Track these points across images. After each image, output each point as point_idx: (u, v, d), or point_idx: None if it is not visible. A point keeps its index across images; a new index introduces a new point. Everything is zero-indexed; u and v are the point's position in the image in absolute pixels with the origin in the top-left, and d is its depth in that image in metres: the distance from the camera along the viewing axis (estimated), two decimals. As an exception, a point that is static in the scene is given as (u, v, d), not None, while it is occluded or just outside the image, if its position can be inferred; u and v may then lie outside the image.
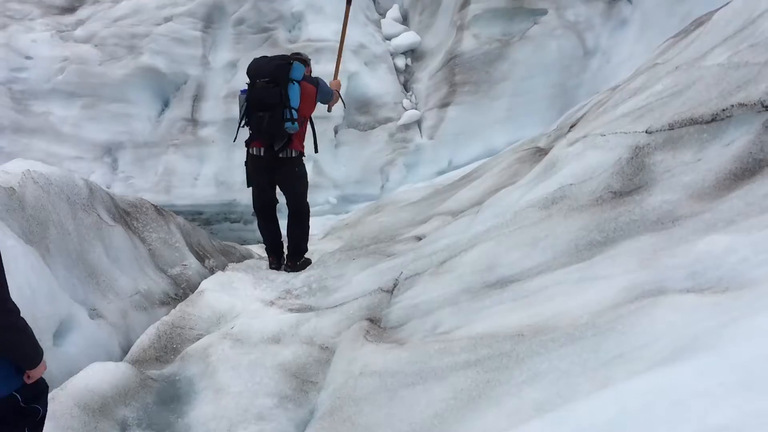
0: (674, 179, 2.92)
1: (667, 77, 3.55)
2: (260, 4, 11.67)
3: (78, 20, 12.03)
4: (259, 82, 5.28)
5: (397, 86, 11.75)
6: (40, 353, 2.55)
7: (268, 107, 5.25)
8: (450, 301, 3.34)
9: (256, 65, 5.39)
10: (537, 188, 3.61)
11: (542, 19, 10.69)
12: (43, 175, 4.41)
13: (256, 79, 5.31)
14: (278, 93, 5.24)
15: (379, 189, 10.93)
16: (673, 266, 2.53)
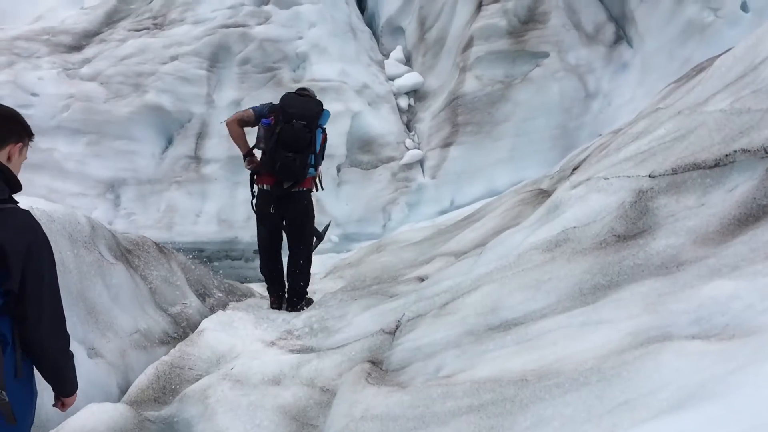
0: (678, 224, 2.92)
1: (670, 122, 3.57)
2: (265, 45, 11.82)
3: (85, 58, 12.17)
4: (297, 123, 5.32)
5: (400, 126, 11.84)
6: (77, 384, 2.59)
7: (299, 150, 5.35)
8: (453, 344, 3.31)
9: (299, 106, 5.41)
10: (540, 230, 3.61)
11: (544, 62, 10.82)
12: (46, 212, 4.41)
13: (293, 118, 5.32)
14: (310, 138, 5.36)
15: (381, 228, 10.93)
16: (678, 312, 2.51)
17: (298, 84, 11.40)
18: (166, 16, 12.62)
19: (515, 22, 10.96)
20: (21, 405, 2.30)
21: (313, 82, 11.41)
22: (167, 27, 12.41)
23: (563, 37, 10.89)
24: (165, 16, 12.64)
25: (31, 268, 2.21)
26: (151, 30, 12.52)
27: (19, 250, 2.17)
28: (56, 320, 2.40)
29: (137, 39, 12.27)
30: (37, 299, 2.25)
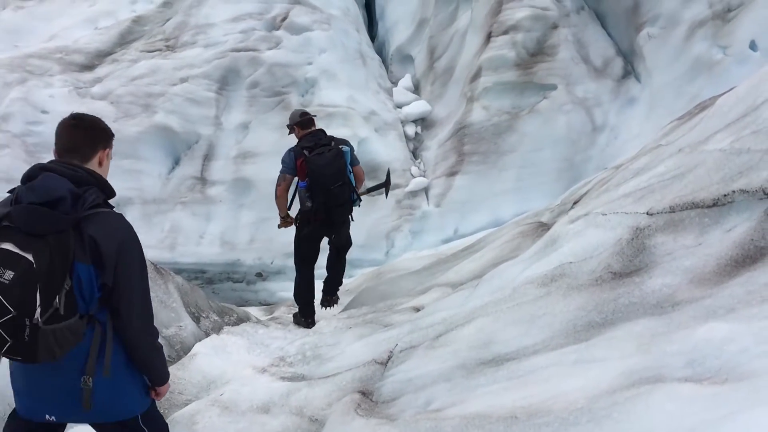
0: (675, 262, 2.88)
1: (670, 159, 3.55)
2: (275, 69, 11.90)
3: (96, 78, 12.29)
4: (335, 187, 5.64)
5: (406, 153, 11.86)
6: (168, 373, 2.81)
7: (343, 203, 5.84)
8: (444, 377, 3.26)
9: (329, 174, 5.61)
10: (537, 264, 3.57)
11: (552, 94, 10.84)
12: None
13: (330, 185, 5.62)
14: (349, 189, 5.90)
15: (384, 254, 10.89)
16: (671, 353, 2.47)
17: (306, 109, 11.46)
18: (178, 39, 12.76)
19: (524, 54, 11.01)
20: (106, 393, 2.47)
21: (321, 107, 11.47)
22: (179, 49, 12.54)
23: (571, 70, 10.92)
24: (177, 38, 12.78)
25: (123, 264, 2.40)
26: (163, 51, 12.65)
27: (112, 247, 2.35)
28: (145, 317, 2.58)
29: (149, 60, 12.39)
30: (128, 295, 2.44)
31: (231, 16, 12.69)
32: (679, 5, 10.07)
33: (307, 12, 12.72)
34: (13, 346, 2.16)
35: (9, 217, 2.23)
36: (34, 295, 2.16)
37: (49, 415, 2.47)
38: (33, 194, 2.25)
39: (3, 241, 2.17)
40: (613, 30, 11.48)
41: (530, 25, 11.10)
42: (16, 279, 2.12)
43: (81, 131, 2.55)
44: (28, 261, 2.14)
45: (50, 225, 2.22)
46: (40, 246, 2.18)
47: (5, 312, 2.11)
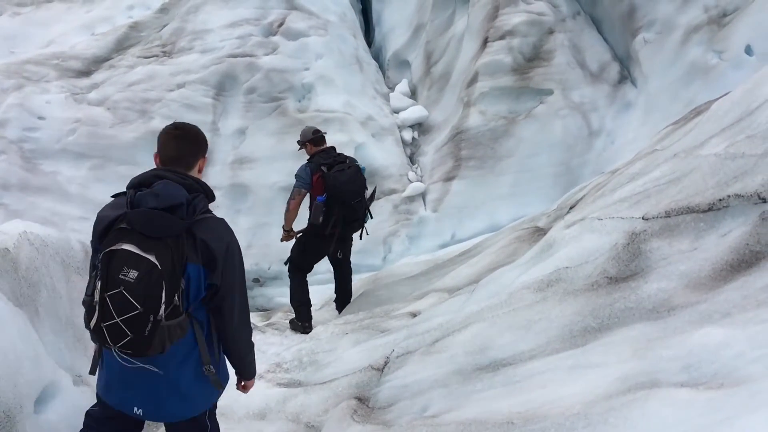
0: (670, 267, 2.88)
1: (665, 164, 3.55)
2: (272, 75, 11.89)
3: (93, 83, 12.26)
4: (355, 203, 5.92)
5: (403, 158, 11.85)
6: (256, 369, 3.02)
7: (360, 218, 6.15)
8: (440, 383, 3.26)
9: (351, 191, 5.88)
10: (533, 269, 3.57)
11: (548, 99, 10.84)
12: (40, 236, 4.39)
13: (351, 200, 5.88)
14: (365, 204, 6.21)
15: (381, 260, 10.87)
16: (667, 358, 2.47)
17: (303, 114, 11.47)
18: (175, 45, 12.75)
19: (520, 59, 11.02)
20: (196, 387, 2.71)
21: (318, 112, 11.46)
22: (176, 55, 12.52)
23: (568, 75, 10.93)
24: (174, 44, 12.77)
25: (228, 265, 2.61)
26: (159, 57, 12.64)
27: (221, 250, 2.56)
28: (244, 313, 2.77)
29: (146, 66, 12.38)
30: (231, 293, 2.65)
31: (228, 22, 12.68)
32: (674, 10, 10.09)
33: (303, 18, 12.72)
34: (132, 340, 2.32)
35: (126, 220, 2.40)
36: (160, 294, 2.33)
37: (137, 408, 2.64)
38: (156, 200, 2.42)
39: (123, 243, 2.33)
40: (609, 35, 11.50)
41: (526, 30, 11.11)
42: (140, 278, 2.29)
43: (186, 141, 2.73)
44: (151, 262, 2.31)
45: (169, 229, 2.40)
46: (161, 248, 2.36)
47: (132, 308, 2.28)
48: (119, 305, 2.29)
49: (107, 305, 2.30)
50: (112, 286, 2.30)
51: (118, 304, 2.29)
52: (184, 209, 2.47)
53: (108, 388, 2.70)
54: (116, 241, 2.35)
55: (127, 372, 2.57)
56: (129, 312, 2.29)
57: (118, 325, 2.30)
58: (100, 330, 2.34)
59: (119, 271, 2.30)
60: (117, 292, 2.29)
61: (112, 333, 2.32)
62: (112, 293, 2.29)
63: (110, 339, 2.34)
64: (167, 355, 2.49)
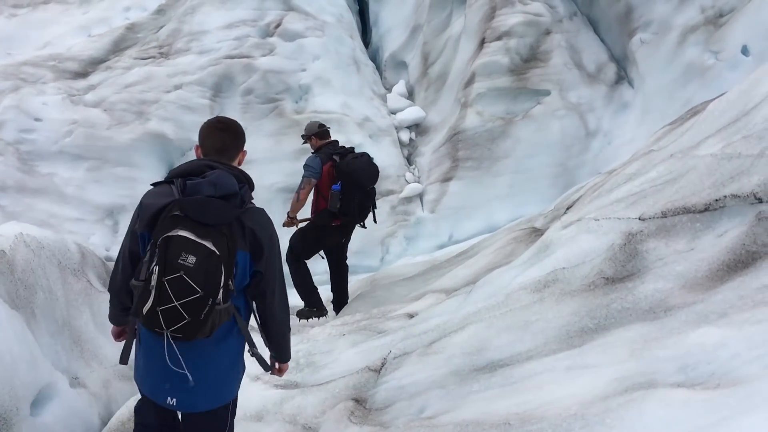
0: (667, 268, 2.88)
1: (662, 164, 3.55)
2: (269, 76, 11.89)
3: (89, 85, 12.25)
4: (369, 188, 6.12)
5: (400, 159, 11.85)
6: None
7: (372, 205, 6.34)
8: (437, 384, 3.26)
9: (367, 176, 6.06)
10: (530, 270, 3.57)
11: (545, 100, 10.86)
12: (36, 238, 4.39)
13: (366, 186, 6.08)
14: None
15: (379, 261, 10.87)
16: (664, 358, 2.47)
17: (300, 115, 11.47)
18: (172, 46, 12.74)
19: (517, 59, 11.03)
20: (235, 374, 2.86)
21: (315, 113, 11.46)
22: (173, 56, 12.51)
23: (565, 76, 10.94)
24: (171, 45, 12.76)
25: (271, 253, 2.70)
26: (156, 59, 12.62)
27: (266, 238, 2.66)
28: (284, 297, 2.87)
29: (143, 67, 12.36)
30: (273, 278, 2.74)
31: (225, 23, 12.67)
32: (671, 11, 10.11)
33: (300, 19, 12.72)
34: (187, 323, 2.38)
35: (180, 207, 2.47)
36: (219, 278, 2.40)
37: (170, 398, 2.66)
38: (212, 188, 2.52)
39: (179, 229, 2.40)
40: (606, 35, 11.52)
41: (523, 31, 11.12)
42: (200, 263, 2.37)
43: (229, 134, 2.82)
44: (208, 248, 2.39)
45: (224, 217, 2.50)
46: (216, 235, 2.44)
47: (192, 292, 2.35)
48: (178, 289, 2.35)
49: (165, 290, 2.35)
50: (171, 271, 2.35)
51: (178, 289, 2.35)
52: (237, 199, 2.58)
53: (143, 378, 2.75)
54: (171, 227, 2.41)
55: (163, 361, 2.58)
56: (189, 296, 2.35)
57: (176, 309, 2.36)
58: (154, 314, 2.38)
59: (178, 257, 2.36)
60: (176, 276, 2.35)
61: (168, 317, 2.37)
62: (171, 278, 2.35)
63: (165, 323, 2.38)
64: (204, 342, 2.55)
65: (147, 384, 2.74)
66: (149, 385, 2.73)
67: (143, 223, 2.57)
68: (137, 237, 2.61)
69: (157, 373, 2.65)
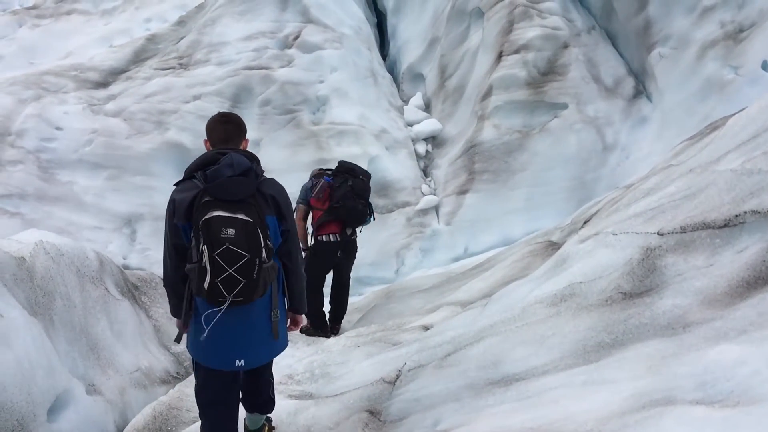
0: (686, 283, 2.86)
1: (681, 179, 3.53)
2: (287, 87, 11.96)
3: (110, 95, 12.38)
4: (363, 178, 6.31)
5: (416, 171, 11.85)
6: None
7: (366, 199, 6.33)
8: (452, 397, 3.24)
9: (359, 169, 6.34)
10: (546, 284, 3.55)
11: (562, 113, 10.82)
12: (55, 246, 4.43)
13: (358, 176, 6.26)
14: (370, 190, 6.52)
15: (394, 273, 10.85)
16: (682, 375, 2.44)
17: (317, 127, 11.52)
18: (191, 57, 12.86)
19: (535, 73, 11.02)
20: (282, 326, 3.20)
21: (332, 125, 11.51)
22: (192, 67, 12.63)
23: (582, 90, 10.91)
24: (191, 56, 12.88)
25: (290, 215, 3.14)
26: (176, 69, 12.74)
27: (285, 202, 3.11)
28: (301, 256, 3.32)
29: (162, 78, 12.48)
30: (294, 238, 3.20)
31: (244, 35, 12.78)
32: (690, 25, 10.06)
33: (319, 31, 12.80)
34: (244, 285, 2.77)
35: (207, 193, 2.85)
36: (258, 240, 2.80)
37: (238, 360, 3.03)
38: (231, 169, 2.88)
39: (213, 211, 2.77)
40: (624, 50, 11.49)
41: (541, 45, 11.12)
42: (239, 232, 2.75)
43: (232, 125, 3.22)
44: (242, 219, 2.78)
45: (246, 190, 2.89)
46: (245, 207, 2.83)
47: (240, 257, 2.74)
48: (229, 258, 2.73)
49: (218, 262, 2.72)
50: (218, 245, 2.72)
51: (228, 258, 2.73)
52: (252, 173, 2.95)
53: (208, 355, 3.06)
54: (206, 211, 2.78)
55: (226, 329, 2.94)
56: (239, 261, 2.73)
57: (231, 276, 2.74)
58: (215, 286, 2.75)
59: (220, 233, 2.73)
60: (224, 248, 2.72)
61: (227, 284, 2.75)
62: (219, 251, 2.72)
63: (226, 290, 2.76)
64: (257, 303, 2.95)
65: (214, 358, 3.05)
66: (217, 358, 3.04)
67: (180, 215, 2.92)
68: (178, 229, 2.95)
69: (223, 343, 2.99)
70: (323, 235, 6.19)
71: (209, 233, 2.73)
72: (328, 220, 6.14)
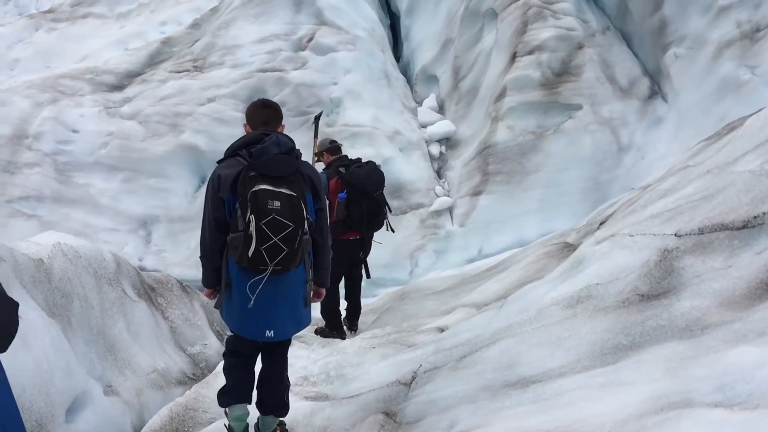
0: (704, 285, 2.84)
1: (698, 180, 3.51)
2: (300, 89, 12.00)
3: (125, 98, 12.47)
4: (379, 195, 6.28)
5: (430, 173, 11.86)
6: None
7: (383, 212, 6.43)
8: (468, 399, 3.24)
9: (374, 181, 6.25)
10: (562, 285, 3.54)
11: (577, 114, 10.79)
12: (73, 247, 4.47)
13: (374, 192, 6.23)
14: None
15: (407, 274, 10.85)
16: (701, 377, 2.43)
17: (330, 128, 11.54)
18: (206, 59, 12.93)
19: (549, 74, 11.00)
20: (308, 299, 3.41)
21: (346, 126, 11.53)
22: (207, 70, 12.70)
23: (597, 90, 10.87)
24: (205, 59, 12.95)
25: (323, 195, 3.41)
26: (191, 72, 12.83)
27: (319, 181, 3.36)
28: (329, 233, 3.55)
29: (177, 80, 12.56)
30: (326, 215, 3.47)
31: (258, 37, 12.84)
32: (706, 25, 9.99)
33: (332, 33, 12.83)
34: (286, 254, 3.01)
35: (253, 168, 3.08)
36: (302, 212, 3.06)
37: (269, 330, 3.26)
38: (277, 147, 3.14)
39: (259, 184, 3.02)
40: (639, 50, 11.43)
41: (555, 45, 11.09)
42: (283, 204, 3.01)
43: (272, 109, 3.47)
44: (286, 193, 3.04)
45: (290, 167, 3.15)
46: (288, 182, 3.09)
47: (286, 227, 2.99)
48: (274, 227, 2.97)
49: (264, 231, 2.96)
50: (265, 215, 2.96)
51: (274, 228, 2.97)
52: (294, 153, 3.22)
53: (242, 324, 3.29)
54: (253, 185, 3.02)
55: (262, 299, 3.14)
56: (284, 230, 2.98)
57: (276, 244, 2.98)
58: (259, 253, 2.98)
59: (266, 204, 2.98)
60: (270, 218, 2.97)
61: (270, 252, 2.98)
62: (266, 221, 2.96)
63: (268, 258, 3.00)
64: (291, 274, 3.17)
65: (247, 327, 3.28)
66: (249, 327, 3.27)
67: (226, 189, 3.14)
68: (222, 203, 3.18)
69: (257, 313, 3.18)
70: (343, 237, 6.24)
71: (257, 204, 2.97)
72: (355, 228, 6.24)
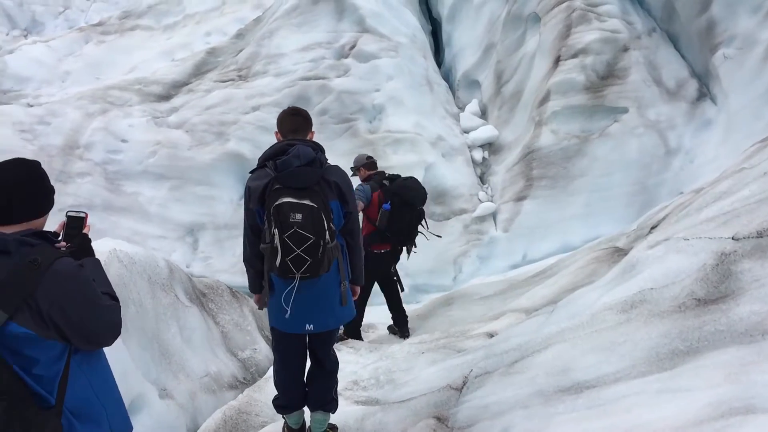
0: (763, 289, 2.78)
1: (755, 183, 3.44)
2: (343, 96, 12.08)
3: (172, 107, 12.73)
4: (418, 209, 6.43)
5: (473, 178, 11.81)
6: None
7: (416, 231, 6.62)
8: (521, 404, 3.22)
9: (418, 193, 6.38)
10: (615, 290, 3.50)
11: (623, 118, 10.63)
12: (128, 254, 4.58)
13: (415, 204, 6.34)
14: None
15: (451, 280, 10.81)
16: (762, 383, 2.38)
17: (373, 135, 11.59)
18: (250, 69, 13.12)
19: (593, 77, 10.87)
20: (349, 295, 3.52)
21: (389, 133, 11.56)
22: (251, 78, 12.88)
23: (643, 93, 10.70)
24: (249, 68, 13.14)
25: (352, 197, 3.46)
26: (235, 81, 13.03)
27: (347, 187, 3.42)
28: (361, 234, 3.67)
29: (222, 90, 12.77)
30: (356, 218, 3.57)
31: (301, 46, 12.97)
32: (755, 25, 9.76)
33: (375, 40, 12.90)
34: (311, 263, 3.11)
35: (278, 181, 3.17)
36: (323, 224, 3.13)
37: (308, 324, 3.39)
38: (298, 159, 3.20)
39: (283, 197, 3.11)
40: (687, 51, 11.21)
41: (600, 48, 10.96)
42: (305, 217, 3.09)
43: (300, 117, 3.52)
44: (308, 205, 3.12)
45: (312, 178, 3.21)
46: (311, 193, 3.16)
47: (307, 239, 3.08)
48: (297, 240, 3.07)
49: (287, 243, 3.08)
50: (287, 228, 3.07)
51: (296, 240, 3.07)
52: (317, 163, 3.26)
53: (281, 320, 3.40)
54: (277, 198, 3.11)
55: (299, 299, 3.29)
56: (306, 242, 3.08)
57: (299, 256, 3.09)
58: (285, 264, 3.11)
59: (288, 217, 3.07)
60: (292, 231, 3.07)
61: (295, 263, 3.10)
62: (288, 233, 3.07)
63: (294, 268, 3.12)
64: (325, 277, 3.28)
65: (286, 322, 3.38)
66: (289, 322, 3.38)
67: (255, 201, 3.26)
68: (254, 213, 3.31)
69: (295, 313, 3.31)
70: (376, 249, 6.33)
71: (279, 218, 3.07)
72: (382, 238, 6.31)
